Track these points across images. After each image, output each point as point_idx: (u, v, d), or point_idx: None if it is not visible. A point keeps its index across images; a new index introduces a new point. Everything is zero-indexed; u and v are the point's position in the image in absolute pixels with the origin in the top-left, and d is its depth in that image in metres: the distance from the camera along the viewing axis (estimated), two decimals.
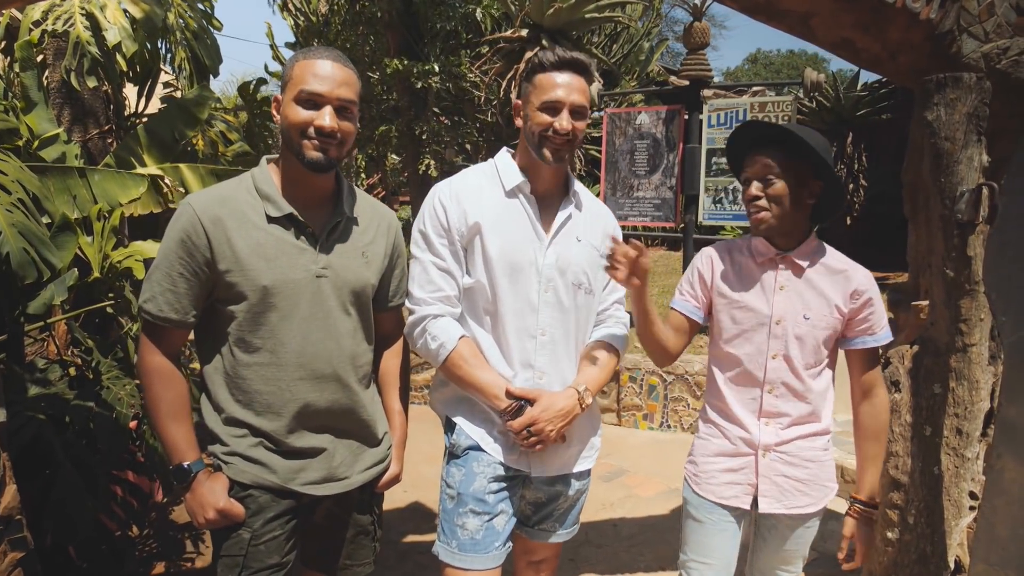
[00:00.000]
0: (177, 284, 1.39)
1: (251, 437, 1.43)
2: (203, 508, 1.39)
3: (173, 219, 1.41)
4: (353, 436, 1.53)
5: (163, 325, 1.40)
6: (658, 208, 5.35)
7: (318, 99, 1.39)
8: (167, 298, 1.40)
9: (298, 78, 1.39)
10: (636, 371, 4.79)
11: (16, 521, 1.83)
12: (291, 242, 1.43)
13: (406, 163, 7.82)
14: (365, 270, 1.54)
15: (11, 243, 2.31)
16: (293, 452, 1.45)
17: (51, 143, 3.03)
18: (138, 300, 1.45)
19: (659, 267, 8.05)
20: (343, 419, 1.50)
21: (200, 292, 1.41)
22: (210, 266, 1.39)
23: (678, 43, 20.38)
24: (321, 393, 1.46)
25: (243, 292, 1.39)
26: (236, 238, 1.39)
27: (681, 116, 5.20)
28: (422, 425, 5.09)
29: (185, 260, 1.38)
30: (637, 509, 3.50)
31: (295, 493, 1.45)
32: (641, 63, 9.45)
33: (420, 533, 3.34)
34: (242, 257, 1.38)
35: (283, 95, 1.43)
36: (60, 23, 3.09)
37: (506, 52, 6.14)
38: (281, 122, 1.43)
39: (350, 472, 1.51)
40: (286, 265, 1.41)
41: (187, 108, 3.49)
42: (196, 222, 1.38)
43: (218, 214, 1.39)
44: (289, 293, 1.39)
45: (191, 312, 1.42)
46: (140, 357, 1.43)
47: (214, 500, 1.39)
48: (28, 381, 2.45)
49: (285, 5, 8.90)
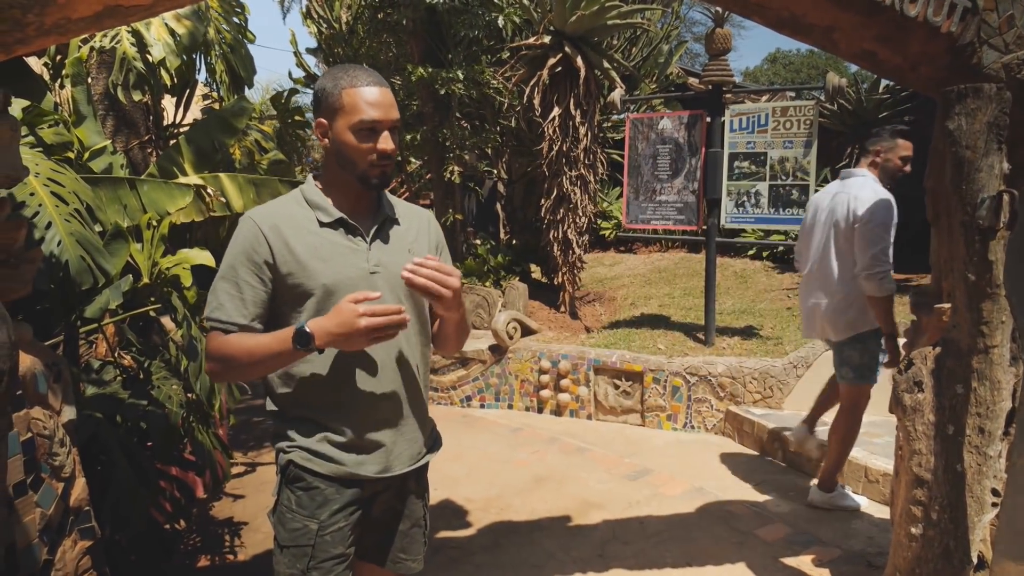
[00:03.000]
0: (243, 291, 1.49)
1: (316, 433, 1.53)
2: (351, 318, 1.37)
3: (235, 233, 1.53)
4: (410, 427, 1.62)
5: (232, 330, 1.49)
6: (680, 212, 5.41)
7: (377, 126, 1.49)
8: (234, 304, 1.49)
9: (351, 107, 1.48)
10: (660, 372, 4.86)
11: (85, 512, 1.96)
12: (343, 243, 1.54)
13: (429, 167, 7.94)
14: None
15: (70, 251, 2.45)
16: (356, 446, 1.54)
17: (99, 154, 3.18)
18: (204, 314, 1.55)
19: (680, 269, 8.10)
20: (402, 410, 1.60)
21: (264, 299, 1.51)
22: (273, 269, 1.49)
23: (696, 43, 20.36)
24: (383, 386, 1.55)
25: (306, 291, 1.49)
26: (294, 242, 1.50)
27: (703, 121, 5.26)
28: (447, 425, 5.22)
29: (249, 267, 1.49)
30: (663, 507, 3.58)
31: (359, 482, 1.55)
32: (660, 66, 9.48)
33: (451, 529, 3.44)
34: (301, 259, 1.49)
35: (333, 121, 1.51)
36: (108, 40, 3.23)
37: (529, 59, 6.24)
38: (336, 147, 1.52)
39: (407, 461, 1.61)
40: (341, 264, 1.52)
41: (226, 118, 3.63)
42: (257, 231, 1.50)
43: (275, 222, 1.51)
44: (347, 290, 1.48)
45: (256, 318, 1.51)
46: (209, 357, 1.51)
47: (344, 304, 1.39)
48: (85, 382, 2.58)
49: (308, 13, 9.07)
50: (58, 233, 2.46)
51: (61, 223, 2.49)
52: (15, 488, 1.67)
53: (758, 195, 5.09)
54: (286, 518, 1.55)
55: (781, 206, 5.04)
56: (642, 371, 4.92)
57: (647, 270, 8.33)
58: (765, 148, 5.05)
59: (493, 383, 5.57)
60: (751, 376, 4.66)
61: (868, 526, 3.29)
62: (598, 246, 9.58)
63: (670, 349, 5.22)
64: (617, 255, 9.47)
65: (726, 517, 3.44)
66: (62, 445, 1.86)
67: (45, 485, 1.79)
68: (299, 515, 1.54)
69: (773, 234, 7.36)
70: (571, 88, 6.01)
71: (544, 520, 3.48)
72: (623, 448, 4.51)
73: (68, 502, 1.89)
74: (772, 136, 5.01)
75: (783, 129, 4.97)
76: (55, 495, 1.82)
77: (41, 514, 1.75)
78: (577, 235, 6.32)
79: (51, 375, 1.87)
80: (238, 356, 1.46)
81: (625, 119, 6.00)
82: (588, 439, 4.70)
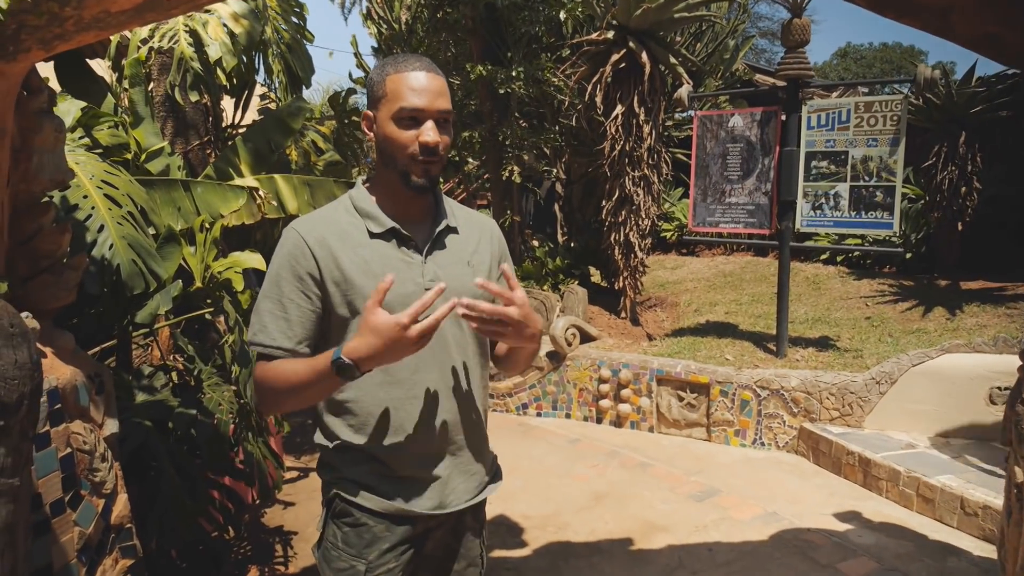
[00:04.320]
0: (288, 310, 1.34)
1: (365, 464, 1.38)
2: (387, 330, 1.19)
3: (278, 247, 1.38)
4: (467, 458, 1.46)
5: (277, 355, 1.34)
6: (752, 215, 5.11)
7: (419, 115, 1.33)
8: (279, 326, 1.34)
9: (393, 94, 1.33)
10: (727, 385, 4.59)
11: (127, 529, 1.88)
12: (397, 256, 1.38)
13: (487, 167, 7.81)
14: (469, 278, 1.48)
15: (121, 255, 2.39)
16: (409, 478, 1.39)
17: (156, 156, 3.14)
18: (247, 336, 1.40)
19: (747, 274, 7.73)
20: (459, 439, 1.44)
21: (311, 320, 1.36)
22: (320, 286, 1.34)
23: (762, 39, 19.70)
24: (438, 413, 1.40)
25: (356, 310, 1.34)
26: (342, 256, 1.34)
27: (778, 118, 4.95)
28: (502, 433, 5.07)
29: (293, 284, 1.34)
30: (733, 533, 3.33)
31: (411, 518, 1.39)
32: (726, 61, 9.11)
33: (506, 548, 3.28)
34: (350, 275, 1.34)
35: (377, 112, 1.36)
36: (166, 40, 3.20)
37: (591, 55, 6.03)
38: (379, 141, 1.37)
39: (464, 495, 1.45)
40: (396, 280, 1.33)
41: (282, 119, 3.56)
42: (302, 244, 1.35)
43: (321, 234, 1.36)
44: (401, 308, 1.30)
45: (304, 341, 1.36)
46: (256, 387, 1.37)
47: (381, 320, 1.19)
48: (135, 388, 2.53)
49: (369, 15, 9.09)
50: (110, 236, 2.40)
51: (113, 226, 2.44)
52: (52, 506, 1.59)
53: (838, 197, 4.75)
54: (331, 556, 1.41)
55: (863, 209, 4.68)
56: (709, 383, 4.66)
57: (711, 274, 8.00)
58: (846, 146, 4.71)
59: (551, 391, 5.39)
60: (828, 391, 4.34)
61: (967, 565, 2.97)
62: (659, 248, 9.28)
63: (738, 360, 4.93)
64: (679, 258, 9.15)
65: (803, 548, 3.17)
66: (103, 460, 1.78)
67: (85, 502, 1.71)
68: (346, 553, 1.39)
69: (848, 238, 6.93)
70: (635, 85, 5.78)
71: (604, 542, 3.29)
72: (688, 465, 4.26)
73: (109, 519, 1.81)
74: (854, 133, 4.66)
75: (867, 126, 4.62)
76: (95, 513, 1.73)
77: (80, 533, 1.67)
78: (639, 238, 6.07)
79: (93, 386, 1.79)
80: (278, 386, 1.31)
81: (692, 117, 5.72)
82: (650, 454, 4.46)
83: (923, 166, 6.40)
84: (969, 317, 5.35)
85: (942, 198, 6.21)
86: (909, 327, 5.37)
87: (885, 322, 5.57)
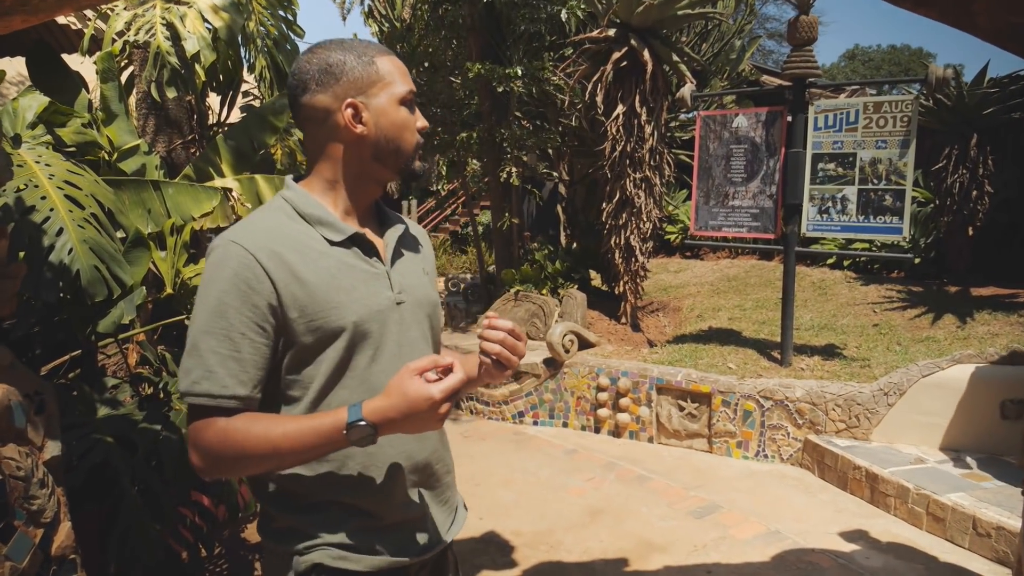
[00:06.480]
0: (240, 347, 1.07)
1: (348, 520, 1.17)
2: (421, 400, 1.02)
3: (215, 266, 1.09)
4: (443, 488, 1.30)
5: (229, 406, 1.06)
6: (756, 218, 4.94)
7: (415, 98, 1.23)
8: (229, 368, 1.06)
9: (391, 76, 1.18)
10: (730, 395, 4.42)
11: (70, 561, 1.73)
12: (362, 267, 1.18)
13: (487, 169, 7.67)
14: (430, 288, 1.32)
15: (82, 260, 2.25)
16: (396, 525, 1.20)
17: (131, 155, 3.00)
18: (179, 386, 1.10)
19: (751, 278, 7.55)
20: (436, 471, 1.27)
21: (265, 357, 1.10)
22: (277, 315, 1.09)
23: (770, 41, 19.50)
24: (420, 442, 1.22)
25: (329, 334, 1.12)
26: (304, 271, 1.11)
27: (784, 118, 4.78)
28: (496, 443, 4.92)
29: (244, 313, 1.07)
30: (733, 553, 3.17)
31: (403, 570, 1.20)
32: (732, 62, 8.94)
33: (495, 567, 3.13)
34: (318, 293, 1.11)
35: (371, 98, 1.17)
36: (142, 33, 3.06)
37: (592, 53, 5.87)
38: (379, 130, 1.17)
39: (443, 527, 1.29)
40: (367, 294, 1.16)
41: (266, 117, 3.42)
42: (252, 262, 1.08)
43: (274, 248, 1.11)
44: (376, 328, 1.16)
45: (258, 386, 1.10)
46: (199, 450, 1.07)
47: (416, 389, 1.02)
48: (97, 402, 2.39)
49: (371, 13, 8.97)
50: (70, 240, 2.26)
51: (74, 229, 2.30)
52: None
53: (845, 200, 4.58)
54: None
55: (872, 213, 4.51)
56: (710, 393, 4.49)
57: (715, 278, 7.82)
58: (854, 148, 4.53)
59: (547, 399, 5.23)
60: (834, 402, 4.17)
61: None
62: (663, 251, 9.10)
63: (741, 368, 4.76)
64: (683, 261, 8.97)
65: (808, 570, 3.01)
66: (42, 486, 1.63)
67: (19, 534, 1.56)
68: None
69: (856, 242, 6.75)
70: (636, 84, 5.62)
71: (598, 563, 3.13)
72: (688, 478, 4.10)
73: (49, 551, 1.66)
74: (863, 135, 4.49)
75: (876, 127, 4.44)
76: (31, 544, 1.59)
77: (12, 568, 1.53)
78: (640, 242, 5.91)
79: (32, 406, 1.65)
80: (251, 451, 1.05)
81: (695, 117, 5.56)
82: (649, 466, 4.30)
83: (933, 169, 6.21)
84: (980, 325, 5.16)
85: (952, 202, 6.03)
86: (918, 335, 5.19)
87: (893, 330, 5.39)
